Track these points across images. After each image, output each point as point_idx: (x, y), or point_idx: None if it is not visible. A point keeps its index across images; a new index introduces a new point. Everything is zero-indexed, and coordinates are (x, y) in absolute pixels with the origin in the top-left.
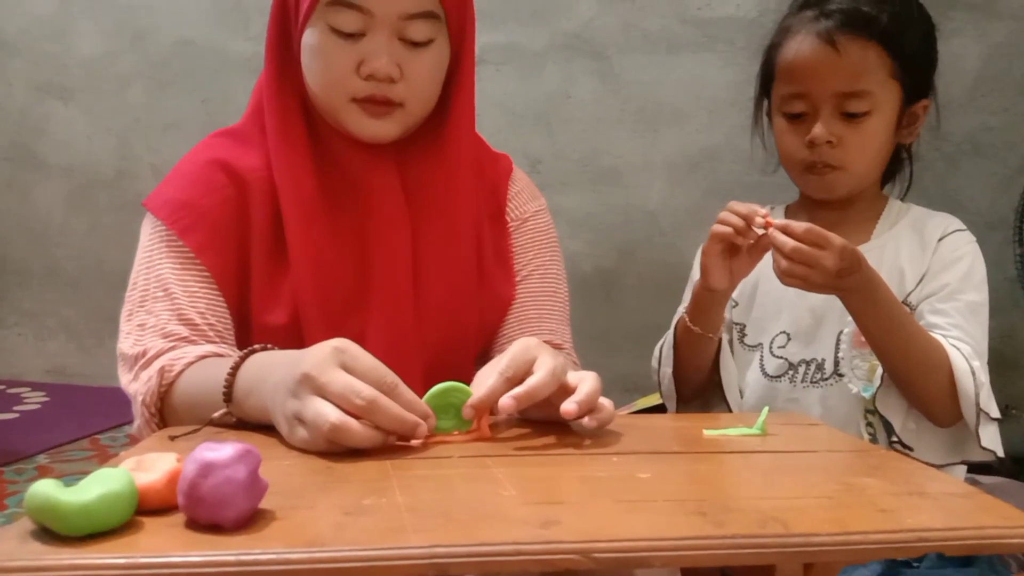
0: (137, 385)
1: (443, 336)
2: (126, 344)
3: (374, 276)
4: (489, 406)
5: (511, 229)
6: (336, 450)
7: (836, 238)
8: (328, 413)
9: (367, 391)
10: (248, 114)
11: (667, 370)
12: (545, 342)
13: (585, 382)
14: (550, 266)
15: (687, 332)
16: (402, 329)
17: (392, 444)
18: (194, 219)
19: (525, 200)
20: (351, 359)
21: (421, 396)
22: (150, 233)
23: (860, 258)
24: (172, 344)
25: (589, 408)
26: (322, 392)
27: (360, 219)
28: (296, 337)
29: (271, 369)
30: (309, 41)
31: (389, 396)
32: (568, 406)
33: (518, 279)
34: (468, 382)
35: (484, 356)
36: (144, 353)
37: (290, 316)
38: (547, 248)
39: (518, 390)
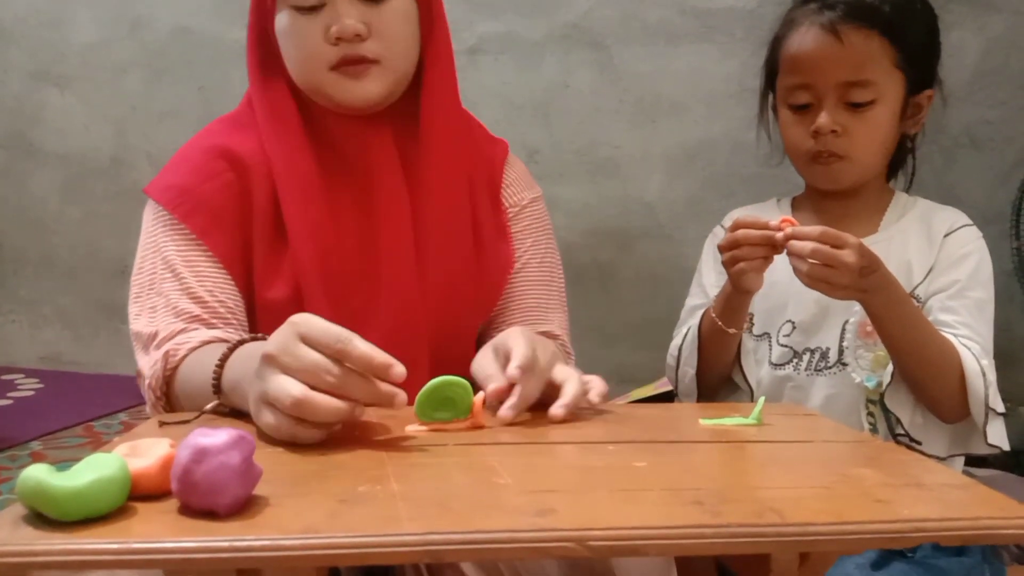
0: (147, 368)
1: (447, 305)
2: (139, 323)
3: (380, 251)
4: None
5: (511, 215)
6: (304, 436)
7: (851, 236)
8: (290, 387)
9: (337, 367)
10: (246, 100)
11: (689, 370)
12: (542, 333)
13: (569, 383)
14: (546, 254)
15: (715, 331)
16: (408, 302)
17: (359, 417)
18: (195, 204)
19: (522, 188)
20: (305, 328)
21: (428, 372)
22: (152, 219)
23: (877, 257)
24: (183, 325)
25: (575, 409)
26: (289, 371)
27: (360, 196)
28: (299, 312)
29: (255, 359)
30: (280, 27)
31: (346, 352)
32: (556, 411)
33: (518, 265)
34: (471, 354)
35: (486, 329)
36: (156, 333)
37: (291, 291)
38: (543, 237)
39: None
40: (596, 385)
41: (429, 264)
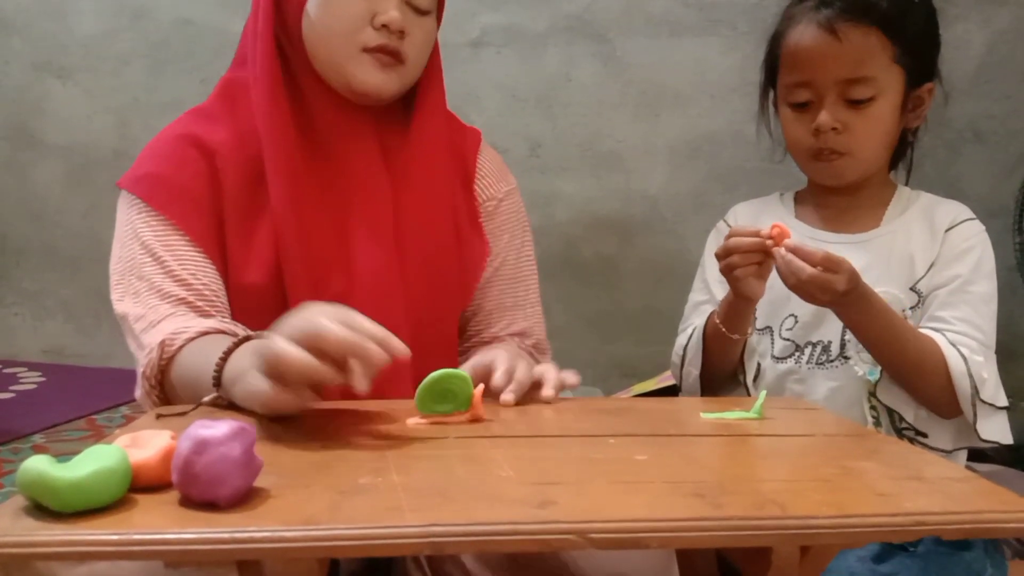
0: (140, 353)
1: (426, 293)
2: (124, 305)
3: (357, 237)
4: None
5: (488, 209)
6: (279, 401)
7: (846, 262)
8: (275, 341)
9: (315, 321)
10: (214, 95)
11: (693, 370)
12: (518, 333)
13: (518, 370)
14: (522, 249)
15: (719, 335)
16: (387, 289)
17: (332, 382)
18: (170, 192)
19: (497, 180)
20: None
21: (410, 362)
22: (128, 208)
23: (857, 275)
24: (171, 309)
25: (522, 393)
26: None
27: (337, 181)
28: (275, 297)
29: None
30: None
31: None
32: (507, 396)
33: (496, 262)
34: (453, 341)
35: (465, 324)
36: (144, 315)
37: (266, 276)
38: (519, 231)
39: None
40: (568, 377)
41: (409, 252)
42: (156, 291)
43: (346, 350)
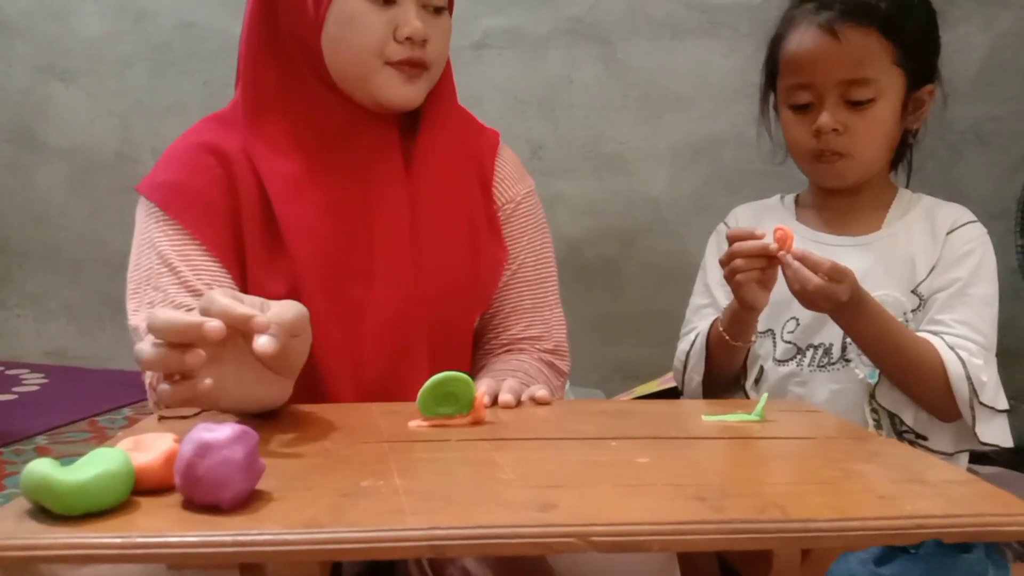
0: None
1: (443, 296)
2: (138, 318)
3: (376, 242)
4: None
5: (507, 212)
6: (162, 394)
7: (850, 271)
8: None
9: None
10: (235, 101)
11: (696, 376)
12: (534, 337)
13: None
14: (541, 251)
15: (723, 343)
16: (405, 293)
17: (191, 364)
18: (187, 200)
19: (515, 182)
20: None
21: (427, 363)
22: (145, 216)
23: (857, 283)
24: None
25: (518, 394)
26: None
27: (359, 186)
28: None
29: None
30: (342, 12)
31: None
32: (506, 396)
33: (515, 265)
34: (468, 346)
35: (484, 327)
36: None
37: (288, 287)
38: (538, 234)
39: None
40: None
41: (425, 255)
42: (170, 303)
43: (171, 334)
